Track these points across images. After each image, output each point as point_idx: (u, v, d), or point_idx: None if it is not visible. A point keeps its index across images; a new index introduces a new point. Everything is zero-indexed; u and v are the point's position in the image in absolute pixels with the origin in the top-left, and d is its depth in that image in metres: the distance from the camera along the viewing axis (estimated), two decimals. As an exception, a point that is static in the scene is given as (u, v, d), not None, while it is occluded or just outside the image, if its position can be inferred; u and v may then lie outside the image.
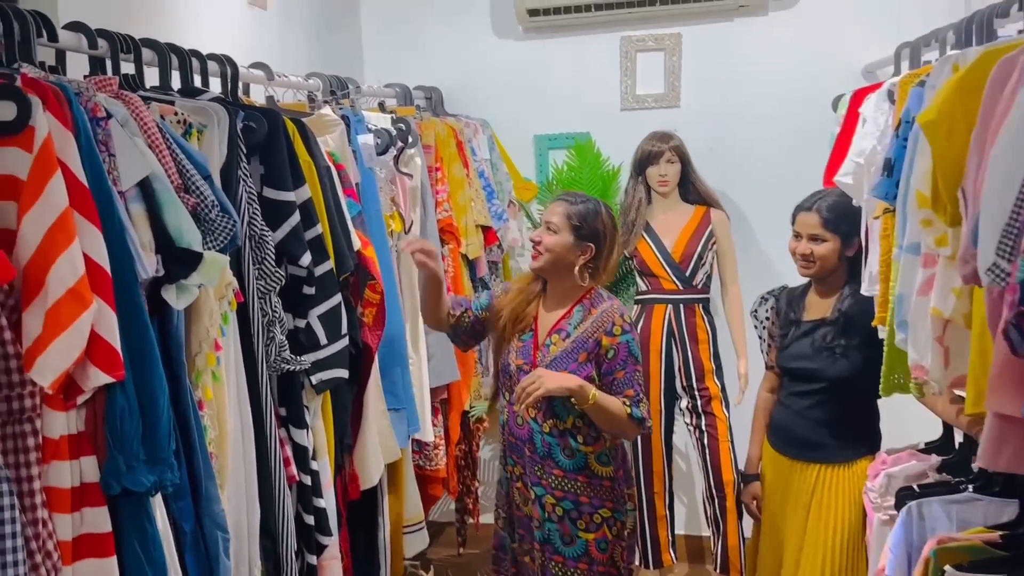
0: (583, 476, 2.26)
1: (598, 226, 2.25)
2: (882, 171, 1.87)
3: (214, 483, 1.52)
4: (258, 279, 1.68)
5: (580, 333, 2.23)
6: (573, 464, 2.25)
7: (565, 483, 2.26)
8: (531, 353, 2.29)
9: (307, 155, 1.89)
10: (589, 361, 2.21)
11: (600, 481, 2.27)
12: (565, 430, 2.25)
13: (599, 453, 2.26)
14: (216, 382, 1.55)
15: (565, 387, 2.14)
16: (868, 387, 2.28)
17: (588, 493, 2.27)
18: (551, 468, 2.26)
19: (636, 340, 2.25)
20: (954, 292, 1.59)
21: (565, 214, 2.24)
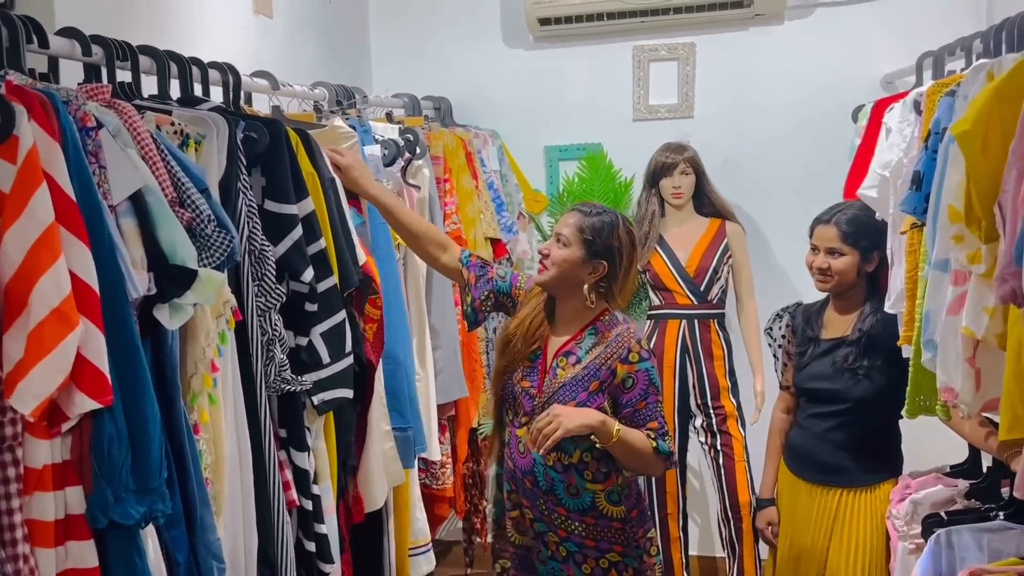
0: (590, 517, 2.03)
1: (613, 242, 2.02)
2: (910, 184, 1.79)
3: (209, 511, 1.45)
4: (258, 296, 1.61)
5: (592, 359, 2.01)
6: (578, 504, 2.02)
7: (569, 523, 2.03)
8: (538, 376, 2.08)
9: (311, 166, 1.83)
10: (601, 391, 1.99)
11: (609, 523, 2.03)
12: (571, 465, 2.01)
13: (609, 491, 2.03)
14: (213, 405, 1.48)
15: (586, 424, 1.91)
16: (891, 408, 2.23)
17: (595, 535, 2.04)
18: (553, 505, 2.04)
19: (656, 367, 2.04)
20: (987, 311, 1.51)
21: (578, 226, 2.03)
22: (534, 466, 2.04)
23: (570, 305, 2.08)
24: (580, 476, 2.01)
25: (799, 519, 2.40)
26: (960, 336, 1.58)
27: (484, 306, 2.20)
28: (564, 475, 2.02)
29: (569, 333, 2.08)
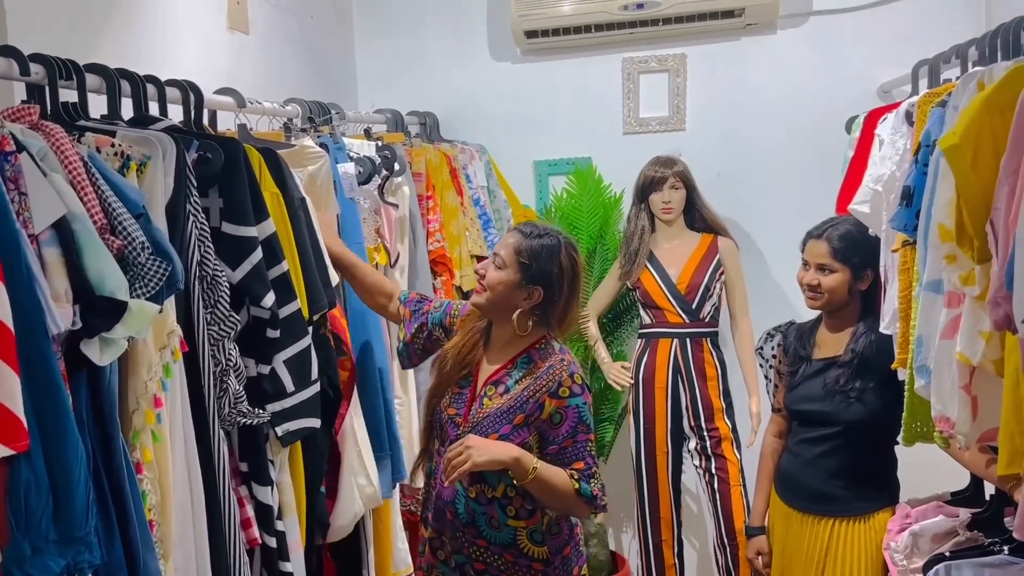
0: (509, 554, 1.90)
1: (551, 268, 1.88)
2: (900, 200, 1.71)
3: (154, 555, 1.36)
4: (210, 325, 1.53)
5: (520, 391, 1.88)
6: (499, 538, 1.90)
7: (488, 556, 1.92)
8: (465, 404, 1.95)
9: (275, 186, 1.75)
10: (526, 425, 1.86)
11: (530, 562, 1.90)
12: (493, 499, 1.89)
13: (532, 530, 1.90)
14: (157, 442, 1.39)
15: (497, 460, 1.79)
16: (885, 433, 2.14)
17: (513, 573, 1.92)
18: (473, 538, 1.92)
19: (588, 404, 1.89)
20: (982, 336, 1.42)
21: (515, 248, 1.89)
22: (455, 497, 1.93)
23: (505, 331, 1.95)
24: (503, 511, 1.90)
25: (790, 550, 2.30)
26: (955, 362, 1.49)
27: (416, 340, 2.11)
28: (486, 508, 1.90)
29: (501, 361, 1.96)
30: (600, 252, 3.39)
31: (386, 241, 2.46)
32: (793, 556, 2.29)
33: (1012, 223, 1.16)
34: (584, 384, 1.91)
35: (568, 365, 1.90)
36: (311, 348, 1.79)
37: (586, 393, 1.90)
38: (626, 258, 3.10)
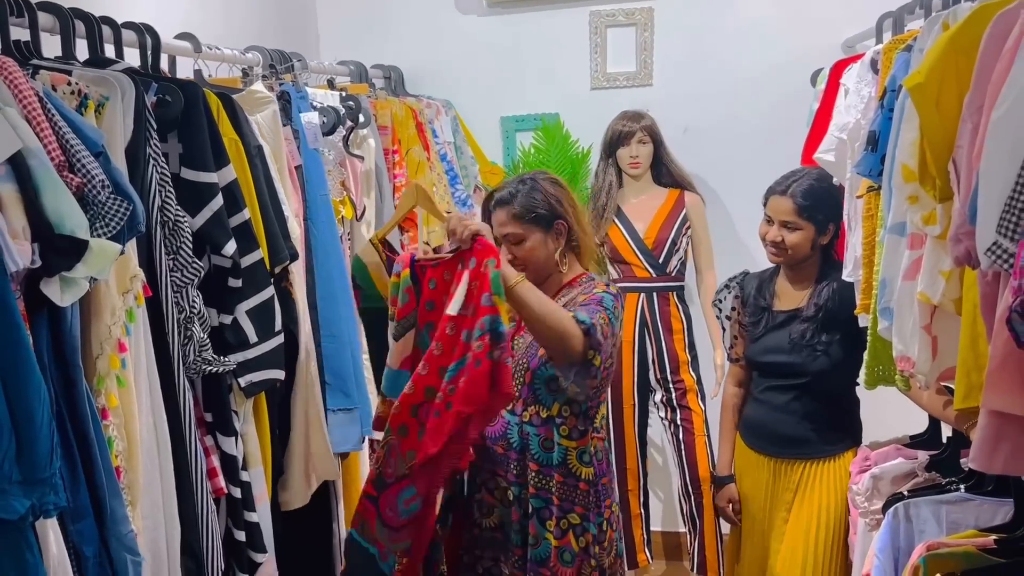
0: (559, 474, 1.95)
1: (549, 201, 1.94)
2: (865, 145, 1.72)
3: (120, 501, 1.35)
4: (173, 271, 1.50)
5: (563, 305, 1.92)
6: (548, 458, 1.95)
7: (539, 479, 1.96)
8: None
9: (233, 133, 1.71)
10: None
11: (576, 482, 1.97)
12: (549, 418, 1.94)
13: (581, 450, 1.96)
14: (122, 387, 1.37)
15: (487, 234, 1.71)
16: (850, 378, 2.19)
17: (561, 494, 1.96)
18: (527, 461, 1.96)
19: (616, 304, 1.89)
20: (943, 275, 1.44)
21: (513, 215, 1.93)
22: (507, 428, 1.98)
23: (545, 281, 1.99)
24: (556, 430, 1.95)
25: (761, 495, 2.34)
26: (916, 302, 1.51)
27: None
28: (540, 429, 1.96)
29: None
30: (567, 208, 3.38)
31: (352, 194, 2.43)
32: (767, 501, 2.32)
33: (975, 159, 1.17)
34: (618, 293, 1.95)
35: (606, 286, 1.96)
36: (274, 299, 1.77)
37: (618, 299, 1.92)
38: (594, 213, 3.10)
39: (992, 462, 1.27)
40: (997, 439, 1.25)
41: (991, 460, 1.26)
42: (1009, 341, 1.09)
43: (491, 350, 1.63)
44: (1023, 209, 1.05)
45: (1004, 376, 1.18)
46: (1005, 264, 1.07)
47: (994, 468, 1.28)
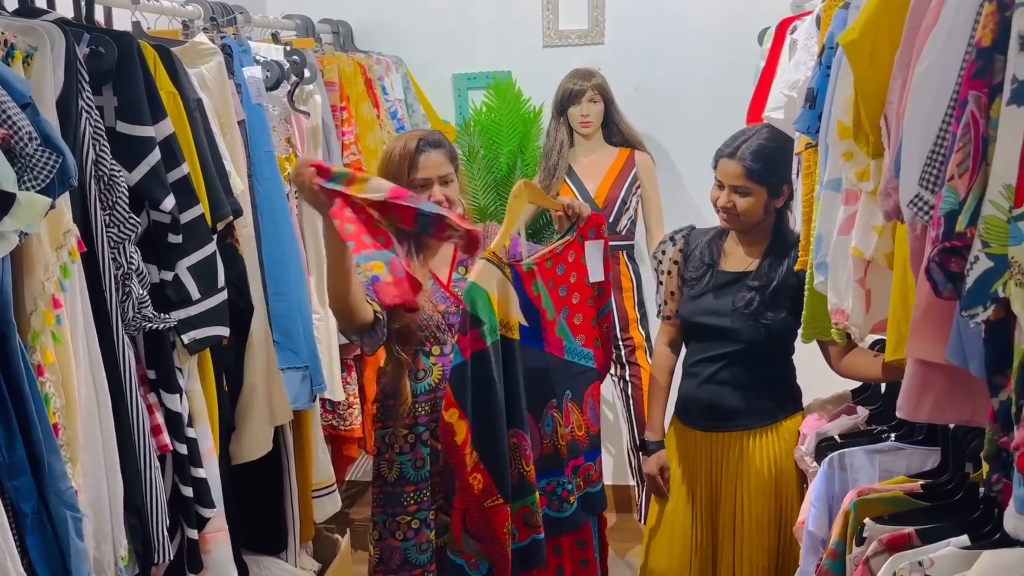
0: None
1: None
2: (804, 102, 1.74)
3: (59, 457, 1.34)
4: (109, 227, 1.48)
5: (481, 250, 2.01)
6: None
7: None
8: (447, 295, 2.05)
9: (171, 86, 1.68)
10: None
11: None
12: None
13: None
14: (58, 344, 1.36)
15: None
16: (780, 344, 2.12)
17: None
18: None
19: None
20: (875, 230, 1.48)
21: (451, 156, 2.04)
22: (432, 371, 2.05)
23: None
24: None
25: (702, 475, 2.22)
26: (850, 257, 1.55)
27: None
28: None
29: (448, 251, 2.10)
30: (520, 167, 3.38)
31: (298, 151, 2.41)
32: (705, 480, 2.21)
33: (901, 114, 1.20)
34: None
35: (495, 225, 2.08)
36: (216, 255, 1.75)
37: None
38: (545, 172, 3.11)
39: (918, 410, 1.31)
40: (923, 388, 1.30)
41: (917, 408, 1.31)
42: (931, 291, 1.13)
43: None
44: (943, 161, 1.08)
45: (927, 326, 1.22)
46: (926, 216, 1.11)
47: (920, 416, 1.32)
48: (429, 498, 2.14)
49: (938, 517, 1.55)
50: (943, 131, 1.09)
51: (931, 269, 1.06)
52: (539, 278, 1.91)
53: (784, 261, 2.09)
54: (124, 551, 1.54)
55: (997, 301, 1.00)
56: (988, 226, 1.00)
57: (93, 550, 1.46)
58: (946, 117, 1.09)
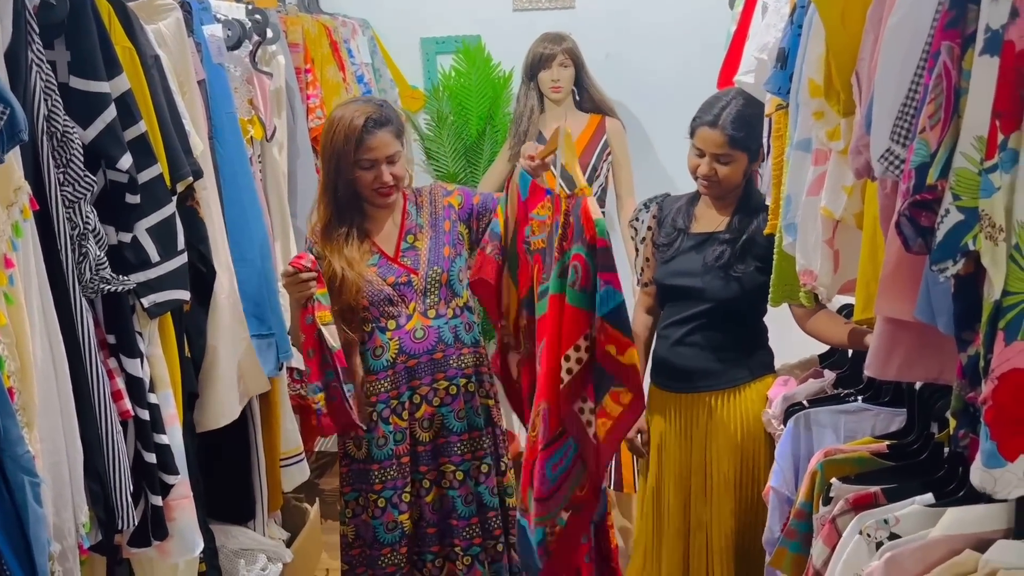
0: (481, 347, 2.26)
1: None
2: (775, 62, 1.73)
3: (14, 421, 1.30)
4: (63, 185, 1.43)
5: (431, 214, 2.20)
6: (472, 338, 2.23)
7: (471, 360, 2.22)
8: (400, 268, 2.15)
9: (127, 40, 1.63)
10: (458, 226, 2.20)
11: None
12: (464, 306, 2.22)
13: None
14: (11, 304, 1.31)
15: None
16: (758, 306, 2.13)
17: (486, 363, 2.26)
18: (460, 349, 2.19)
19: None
20: (845, 190, 1.48)
21: (397, 133, 2.11)
22: (439, 331, 2.17)
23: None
24: (471, 312, 2.26)
25: (674, 435, 2.24)
26: (819, 217, 1.55)
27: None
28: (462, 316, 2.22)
29: (396, 221, 2.20)
30: (490, 133, 3.35)
31: (261, 113, 2.35)
32: (674, 437, 2.24)
33: (873, 70, 1.19)
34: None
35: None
36: (176, 217, 1.71)
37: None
38: (515, 139, 3.08)
39: (886, 368, 1.32)
40: (891, 346, 1.30)
41: (885, 367, 1.32)
42: (901, 248, 1.12)
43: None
44: (914, 115, 1.07)
45: (895, 283, 1.22)
46: (896, 170, 1.10)
47: (888, 375, 1.33)
48: (393, 477, 2.15)
49: (904, 476, 1.56)
50: (915, 84, 1.08)
51: (901, 223, 1.06)
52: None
53: (753, 218, 2.12)
54: (85, 517, 1.50)
55: (967, 254, 1.00)
56: (959, 178, 0.99)
57: (53, 516, 1.43)
58: (918, 70, 1.08)
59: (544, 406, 1.79)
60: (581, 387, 1.75)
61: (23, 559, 1.33)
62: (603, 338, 1.72)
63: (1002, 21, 0.94)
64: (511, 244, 2.08)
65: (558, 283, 1.79)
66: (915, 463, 1.61)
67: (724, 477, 2.17)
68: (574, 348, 1.75)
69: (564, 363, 1.75)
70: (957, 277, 1.04)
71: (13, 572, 1.31)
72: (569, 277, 1.76)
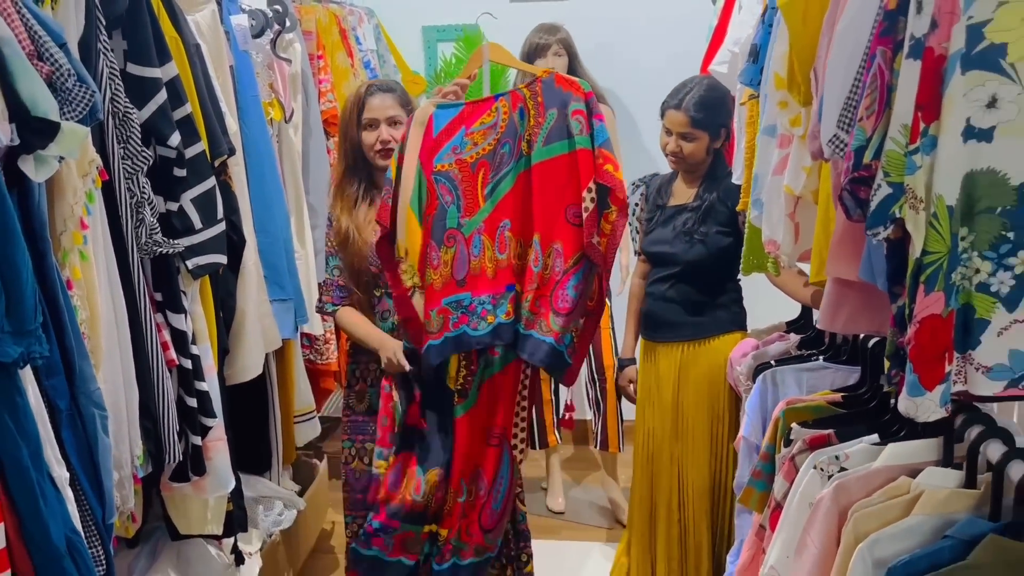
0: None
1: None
2: (748, 57, 1.94)
3: (88, 362, 1.51)
4: (124, 159, 1.63)
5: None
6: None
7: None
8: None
9: (173, 31, 1.82)
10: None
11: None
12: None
13: None
14: (84, 261, 1.52)
15: None
16: (727, 269, 2.44)
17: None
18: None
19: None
20: (804, 170, 1.69)
21: (401, 103, 2.32)
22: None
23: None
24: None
25: (653, 377, 2.61)
26: (782, 194, 1.77)
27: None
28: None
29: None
30: (486, 118, 3.55)
31: (280, 96, 2.55)
32: (656, 383, 2.60)
33: (823, 67, 1.40)
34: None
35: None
36: (215, 189, 1.91)
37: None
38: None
39: (834, 322, 1.54)
40: (839, 303, 1.52)
41: (834, 320, 1.54)
42: (844, 216, 1.34)
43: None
44: (856, 106, 1.29)
45: (843, 248, 1.44)
46: (840, 152, 1.32)
47: (836, 327, 1.56)
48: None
49: (855, 421, 1.78)
50: (857, 81, 1.30)
51: (843, 196, 1.28)
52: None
53: (715, 189, 2.44)
54: (139, 451, 1.72)
55: (895, 221, 1.22)
56: (889, 159, 1.21)
57: (113, 448, 1.64)
58: (859, 69, 1.30)
59: (558, 245, 2.11)
60: (594, 221, 2.09)
61: (93, 482, 1.54)
62: (601, 161, 2.08)
63: (924, 31, 1.16)
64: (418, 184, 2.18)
65: (562, 144, 2.11)
66: (866, 410, 1.83)
67: (694, 420, 2.50)
68: (587, 190, 2.08)
69: (587, 195, 2.08)
70: (888, 241, 1.26)
71: (87, 493, 1.52)
72: (575, 129, 2.09)
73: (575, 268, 2.12)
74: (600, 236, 2.10)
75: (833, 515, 1.48)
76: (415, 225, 2.18)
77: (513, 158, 2.15)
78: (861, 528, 1.38)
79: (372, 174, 2.36)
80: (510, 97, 2.19)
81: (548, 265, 2.14)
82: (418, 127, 2.18)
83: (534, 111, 2.14)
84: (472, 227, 2.16)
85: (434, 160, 2.17)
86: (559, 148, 2.12)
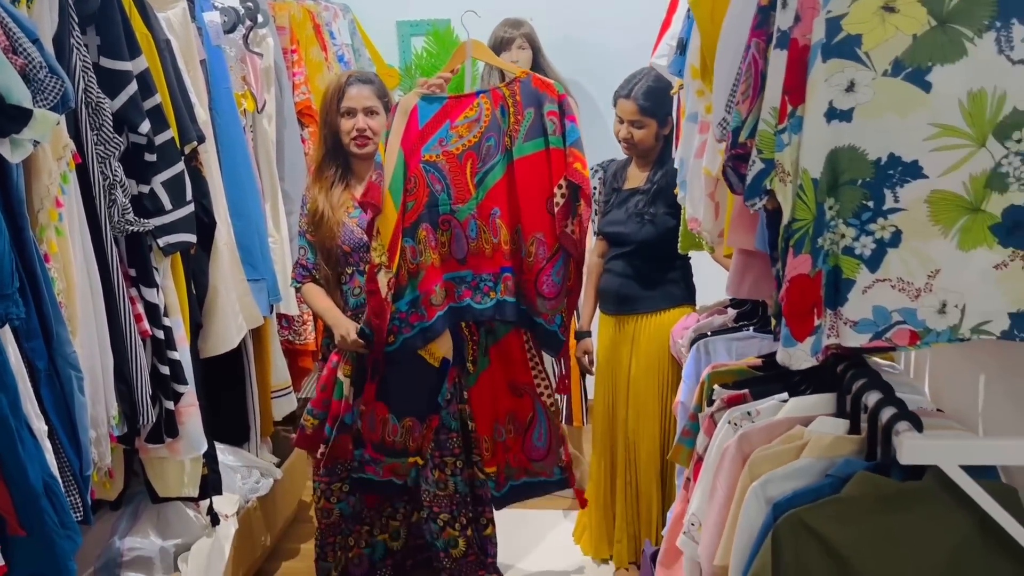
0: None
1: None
2: (676, 49, 2.10)
3: (64, 327, 1.67)
4: (97, 144, 1.79)
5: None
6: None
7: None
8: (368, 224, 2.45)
9: (144, 28, 1.98)
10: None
11: None
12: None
13: None
14: (60, 236, 1.68)
15: None
16: (671, 247, 2.58)
17: None
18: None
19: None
20: (719, 153, 1.85)
21: (378, 95, 2.48)
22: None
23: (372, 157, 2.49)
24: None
25: (611, 349, 2.79)
26: (702, 176, 1.92)
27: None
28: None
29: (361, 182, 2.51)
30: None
31: (252, 88, 2.71)
32: (612, 353, 2.79)
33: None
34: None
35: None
36: (184, 173, 2.07)
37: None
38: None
39: (739, 289, 1.70)
40: (743, 271, 1.68)
41: (739, 287, 1.70)
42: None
43: None
44: (735, 93, 1.45)
45: (741, 221, 1.60)
46: (727, 133, 1.48)
47: (741, 293, 1.71)
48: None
49: (770, 383, 1.94)
50: (739, 69, 1.45)
51: (727, 172, 1.44)
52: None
53: (664, 172, 2.62)
54: (115, 411, 1.88)
55: (768, 193, 1.38)
56: (761, 138, 1.37)
57: (90, 408, 1.80)
58: (741, 59, 1.45)
59: (540, 235, 2.39)
60: (565, 214, 2.36)
61: (71, 437, 1.70)
62: (571, 160, 2.34)
63: (789, 24, 1.32)
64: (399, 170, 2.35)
65: (538, 142, 2.37)
66: (781, 373, 1.98)
67: (645, 388, 2.67)
68: (557, 187, 2.35)
69: (557, 191, 2.35)
70: (767, 211, 1.42)
71: (64, 446, 1.68)
72: (549, 129, 2.35)
73: (557, 256, 2.39)
74: (573, 225, 2.35)
75: (737, 462, 1.64)
76: (391, 208, 2.35)
77: (499, 151, 2.39)
78: (756, 470, 1.54)
79: (348, 160, 2.52)
80: (491, 95, 2.40)
81: (531, 252, 2.40)
82: (402, 115, 2.37)
83: (513, 108, 2.37)
84: (466, 213, 2.41)
85: (422, 151, 2.38)
86: (536, 145, 2.37)
